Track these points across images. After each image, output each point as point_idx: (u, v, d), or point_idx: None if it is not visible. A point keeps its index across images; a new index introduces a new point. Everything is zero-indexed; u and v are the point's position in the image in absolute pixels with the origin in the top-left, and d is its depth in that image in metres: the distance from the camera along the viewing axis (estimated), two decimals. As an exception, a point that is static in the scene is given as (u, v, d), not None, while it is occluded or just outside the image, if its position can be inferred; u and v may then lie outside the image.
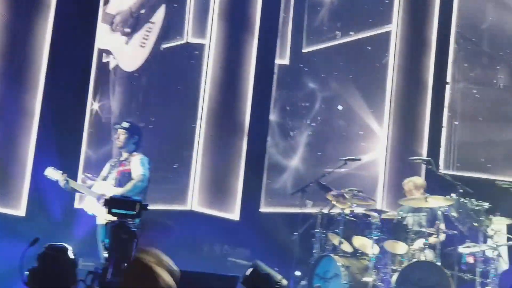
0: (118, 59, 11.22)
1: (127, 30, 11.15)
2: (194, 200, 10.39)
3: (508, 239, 8.52)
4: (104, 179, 8.58)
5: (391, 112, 10.50)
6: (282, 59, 11.44)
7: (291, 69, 11.41)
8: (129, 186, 8.31)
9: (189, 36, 10.95)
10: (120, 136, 8.61)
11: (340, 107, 10.84)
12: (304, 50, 11.36)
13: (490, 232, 8.42)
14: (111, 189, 8.27)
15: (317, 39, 11.22)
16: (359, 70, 10.82)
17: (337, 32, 11.02)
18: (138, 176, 8.38)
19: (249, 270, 5.17)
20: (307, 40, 11.32)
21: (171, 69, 11.06)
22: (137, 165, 8.44)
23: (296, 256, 9.01)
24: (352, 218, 8.72)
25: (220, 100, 10.77)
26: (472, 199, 8.48)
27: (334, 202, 8.87)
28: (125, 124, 8.74)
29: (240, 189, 10.78)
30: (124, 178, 8.44)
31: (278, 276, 5.26)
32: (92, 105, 11.11)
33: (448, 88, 10.50)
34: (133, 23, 11.16)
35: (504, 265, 8.48)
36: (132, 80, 11.24)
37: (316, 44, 11.23)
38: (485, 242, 8.37)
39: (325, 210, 8.93)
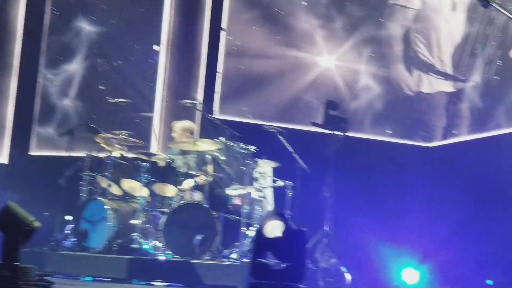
0: None
1: None
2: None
3: (274, 181, 8.82)
4: None
5: (168, 56, 10.50)
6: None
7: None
8: None
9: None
10: None
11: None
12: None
13: (256, 174, 8.67)
14: None
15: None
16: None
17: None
18: None
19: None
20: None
21: None
22: None
23: (65, 200, 8.82)
24: (122, 161, 8.66)
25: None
26: (240, 143, 8.69)
27: (103, 145, 8.76)
28: None
29: (9, 132, 10.39)
30: None
31: (30, 218, 5.12)
32: None
33: (223, 34, 10.61)
34: None
35: (268, 206, 8.78)
36: None
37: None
38: (251, 184, 8.62)
39: (94, 153, 8.79)
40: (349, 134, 8.57)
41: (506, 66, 9.41)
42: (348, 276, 7.90)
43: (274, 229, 5.53)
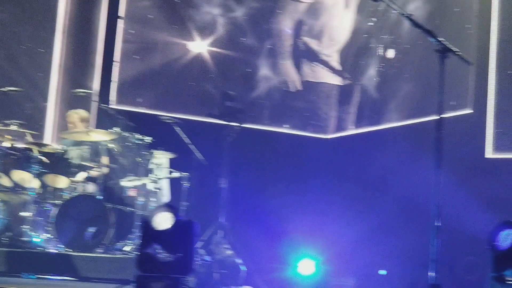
0: None
1: None
2: None
3: (170, 172, 8.73)
4: None
5: (64, 44, 10.26)
6: None
7: None
8: None
9: None
10: None
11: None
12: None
13: (151, 166, 8.56)
14: None
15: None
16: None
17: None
18: None
19: None
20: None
21: None
22: None
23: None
24: (12, 151, 8.39)
25: None
26: (135, 133, 8.55)
27: (-8, 135, 8.47)
28: None
29: None
30: None
31: None
32: None
33: (120, 22, 10.42)
34: None
35: (164, 198, 8.68)
36: None
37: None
38: (146, 175, 8.50)
39: (-18, 143, 8.48)
40: (246, 125, 8.55)
41: (397, 62, 9.59)
42: (243, 268, 7.87)
43: (163, 221, 5.45)
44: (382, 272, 8.56)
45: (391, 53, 9.77)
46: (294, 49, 10.53)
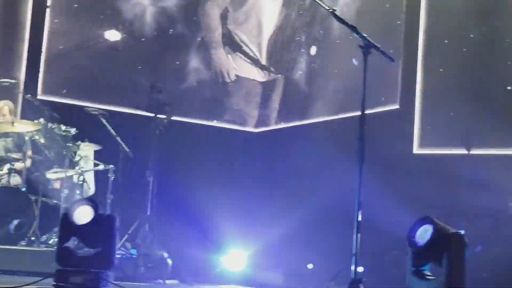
0: None
1: None
2: None
3: (95, 165, 8.61)
4: None
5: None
6: None
7: None
8: None
9: None
10: None
11: None
12: None
13: (77, 158, 8.43)
14: None
15: None
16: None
17: None
18: None
19: None
20: None
21: None
22: None
23: None
24: None
25: None
26: (61, 125, 8.40)
27: None
28: None
29: None
30: None
31: None
32: None
33: (48, 12, 10.22)
34: None
35: (89, 190, 8.56)
36: None
37: None
38: (72, 168, 8.36)
39: None
40: (174, 118, 8.48)
41: (324, 57, 9.63)
42: (169, 262, 7.82)
43: (83, 215, 5.36)
44: (310, 266, 8.59)
45: (313, 50, 9.81)
46: (223, 38, 10.46)
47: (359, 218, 5.30)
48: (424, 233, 5.33)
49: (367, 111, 5.51)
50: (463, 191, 8.04)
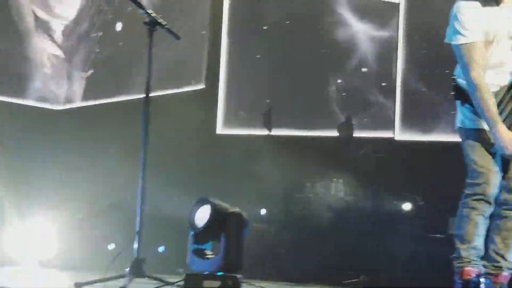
0: None
1: None
2: None
3: None
4: None
5: None
6: None
7: None
8: None
9: None
10: None
11: None
12: None
13: None
14: None
15: None
16: None
17: None
18: None
19: None
20: None
21: None
22: None
23: None
24: None
25: None
26: None
27: None
28: None
29: None
30: None
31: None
32: None
33: None
34: None
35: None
36: None
37: None
38: None
39: None
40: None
41: (126, 36, 9.47)
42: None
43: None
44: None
45: (118, 27, 9.63)
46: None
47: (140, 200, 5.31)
48: (202, 214, 5.40)
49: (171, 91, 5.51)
50: (263, 171, 8.14)
